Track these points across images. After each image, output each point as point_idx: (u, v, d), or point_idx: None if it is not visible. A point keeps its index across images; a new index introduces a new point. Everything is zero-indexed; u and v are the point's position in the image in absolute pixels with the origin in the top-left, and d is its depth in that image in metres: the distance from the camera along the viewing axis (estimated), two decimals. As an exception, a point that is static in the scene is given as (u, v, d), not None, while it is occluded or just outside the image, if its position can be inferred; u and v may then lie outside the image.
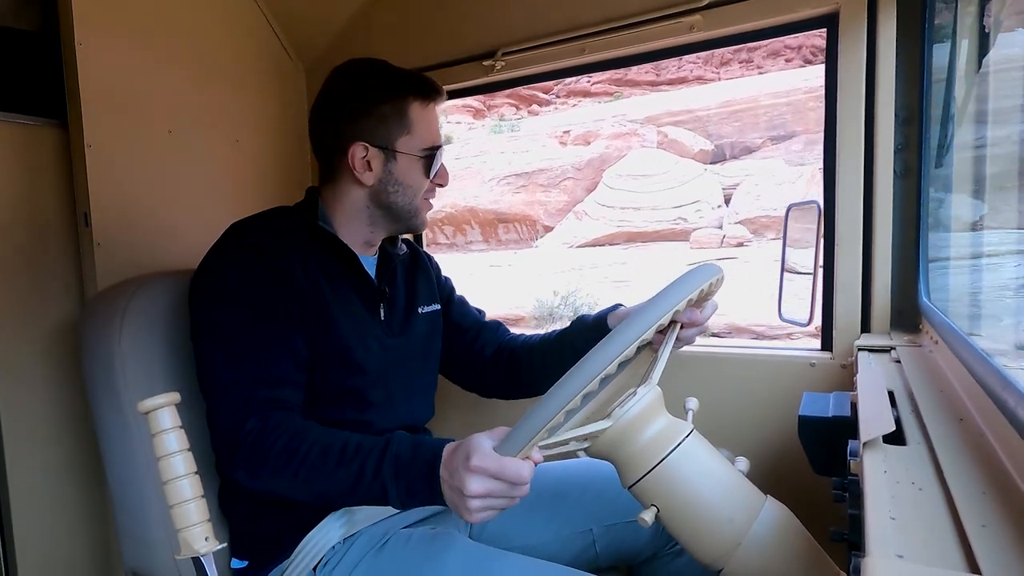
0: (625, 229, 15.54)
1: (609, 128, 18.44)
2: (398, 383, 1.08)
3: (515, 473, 0.69)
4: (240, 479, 0.87)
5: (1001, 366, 0.63)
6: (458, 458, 0.72)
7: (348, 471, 0.79)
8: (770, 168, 16.22)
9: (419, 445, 0.79)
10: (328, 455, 0.81)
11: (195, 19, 1.57)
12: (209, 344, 0.93)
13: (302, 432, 0.84)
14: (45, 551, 1.38)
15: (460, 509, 0.72)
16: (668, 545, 1.05)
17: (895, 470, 0.57)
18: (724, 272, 0.83)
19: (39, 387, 1.36)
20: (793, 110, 17.68)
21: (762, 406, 1.32)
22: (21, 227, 1.33)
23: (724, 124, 18.34)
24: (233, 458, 0.86)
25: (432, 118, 1.06)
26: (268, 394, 0.88)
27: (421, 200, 1.07)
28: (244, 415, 0.86)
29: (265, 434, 0.84)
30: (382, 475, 0.78)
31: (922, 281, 1.18)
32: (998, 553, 0.42)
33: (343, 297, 1.02)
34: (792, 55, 19.37)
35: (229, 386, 0.89)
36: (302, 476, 0.81)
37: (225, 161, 1.66)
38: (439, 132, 1.07)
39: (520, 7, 1.52)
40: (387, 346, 1.07)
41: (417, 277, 1.20)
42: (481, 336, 1.25)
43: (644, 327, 0.67)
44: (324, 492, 0.82)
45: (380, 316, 1.08)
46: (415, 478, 0.77)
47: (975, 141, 1.24)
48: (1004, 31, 1.13)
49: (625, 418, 0.71)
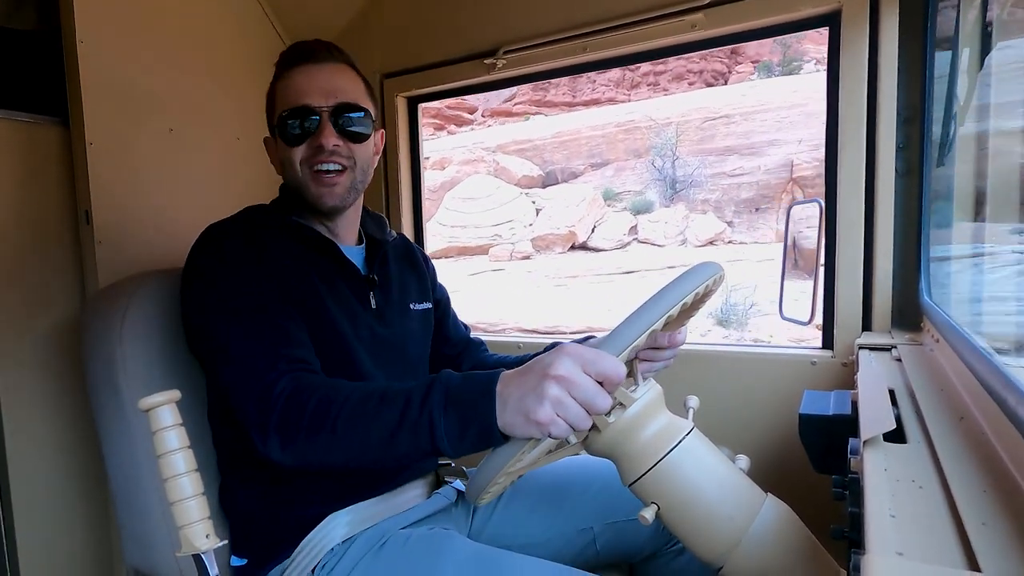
0: (455, 244, 18.40)
1: (460, 155, 21.09)
2: (394, 375, 1.05)
3: (612, 368, 0.63)
4: (272, 450, 0.79)
5: (1002, 364, 0.63)
6: (544, 356, 0.66)
7: (391, 410, 0.72)
8: (578, 191, 19.09)
9: (470, 375, 0.72)
10: (369, 399, 0.74)
11: (197, 18, 1.57)
12: (220, 327, 0.88)
13: (336, 386, 0.78)
14: (47, 548, 1.38)
15: (530, 403, 0.63)
16: (669, 543, 1.05)
17: (895, 468, 0.57)
18: (724, 272, 0.83)
19: (40, 384, 1.36)
20: (607, 141, 20.46)
21: (763, 404, 1.32)
22: (22, 225, 1.33)
23: (555, 152, 21.17)
24: (266, 424, 0.78)
25: (291, 83, 0.98)
26: (295, 354, 0.85)
27: (304, 171, 0.98)
28: (275, 376, 0.81)
29: (299, 391, 0.78)
30: (429, 404, 0.70)
31: (923, 279, 1.18)
32: (998, 551, 0.42)
33: (332, 286, 1.00)
34: (695, 79, 20.99)
35: (251, 356, 0.83)
36: (340, 427, 0.74)
37: (226, 159, 1.66)
38: (301, 92, 0.97)
39: (521, 5, 1.52)
40: (379, 335, 1.03)
41: (409, 273, 1.17)
42: (465, 352, 1.24)
43: (674, 301, 0.69)
44: (363, 442, 0.74)
45: (371, 304, 1.05)
46: (467, 401, 0.68)
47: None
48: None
49: (625, 417, 0.71)
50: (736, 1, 1.28)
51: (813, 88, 17.01)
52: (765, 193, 16.84)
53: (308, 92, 0.97)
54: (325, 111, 0.97)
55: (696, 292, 0.74)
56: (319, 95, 0.97)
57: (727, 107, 18.69)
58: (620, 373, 0.63)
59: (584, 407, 0.63)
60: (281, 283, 0.93)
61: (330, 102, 0.97)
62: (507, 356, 1.23)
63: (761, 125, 17.23)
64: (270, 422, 0.78)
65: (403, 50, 1.70)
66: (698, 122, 18.86)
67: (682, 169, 18.44)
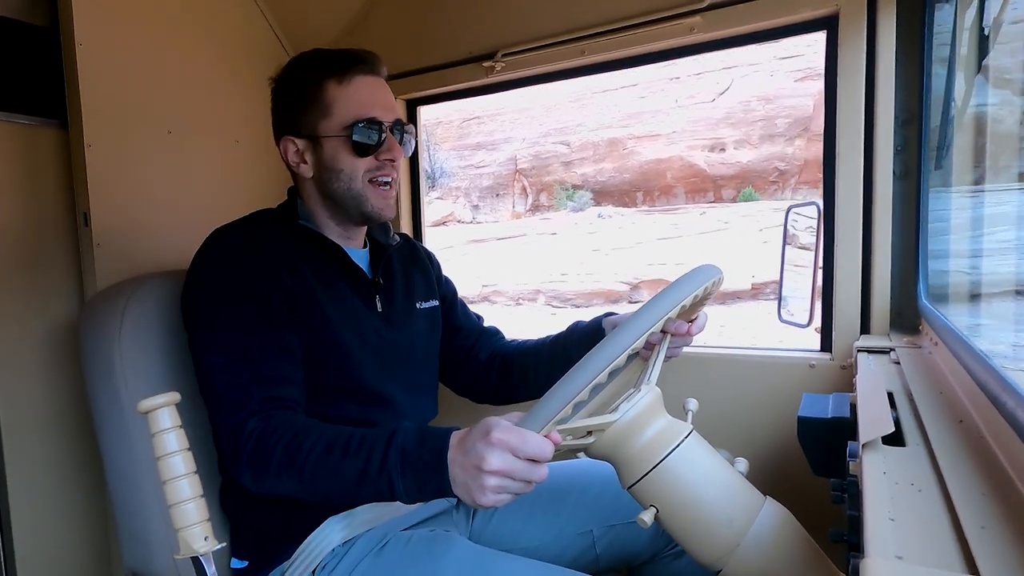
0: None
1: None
2: (400, 379, 1.06)
3: (538, 448, 0.66)
4: (246, 482, 0.85)
5: (1000, 368, 0.63)
6: (475, 435, 0.69)
7: (353, 465, 0.77)
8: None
9: (426, 434, 0.76)
10: (332, 450, 0.78)
11: (195, 20, 1.57)
12: (205, 349, 0.92)
13: (304, 430, 0.82)
14: (45, 551, 1.37)
15: (474, 491, 0.68)
16: (668, 547, 1.05)
17: (894, 471, 0.57)
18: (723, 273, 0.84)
19: (39, 387, 1.36)
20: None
21: (761, 407, 1.32)
22: (21, 227, 1.33)
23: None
24: (237, 461, 0.84)
25: (354, 93, 0.99)
26: (267, 393, 0.87)
27: (364, 183, 1.00)
28: (245, 415, 0.85)
29: (267, 434, 0.82)
30: (388, 468, 0.75)
31: (922, 282, 1.18)
32: (997, 554, 0.42)
33: (336, 292, 1.00)
34: None
35: (227, 389, 0.87)
36: (307, 474, 0.79)
37: (225, 161, 1.66)
38: (368, 104, 0.99)
39: (520, 8, 1.53)
40: (386, 340, 1.05)
41: (414, 271, 1.18)
42: (480, 341, 1.23)
43: (664, 310, 0.68)
44: (329, 490, 0.79)
45: (377, 308, 1.06)
46: (423, 468, 0.73)
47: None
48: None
49: (625, 418, 0.71)
50: (734, 5, 1.28)
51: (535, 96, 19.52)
52: (501, 182, 18.99)
53: (374, 104, 0.99)
54: (388, 125, 1.00)
55: (695, 295, 0.74)
56: (383, 109, 1.00)
57: (479, 110, 20.75)
58: (547, 452, 0.67)
59: (525, 483, 0.68)
60: (278, 297, 0.93)
61: (391, 117, 1.01)
62: (527, 341, 1.21)
63: (500, 125, 19.24)
64: (241, 459, 0.83)
65: (402, 53, 1.71)
66: (458, 122, 20.87)
67: (440, 163, 20.51)
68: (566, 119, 18.42)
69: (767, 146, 16.26)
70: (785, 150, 16.07)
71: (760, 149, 16.33)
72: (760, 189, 16.14)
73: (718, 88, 17.14)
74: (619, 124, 17.77)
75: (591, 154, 17.91)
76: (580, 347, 0.93)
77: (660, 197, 17.15)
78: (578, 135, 18.20)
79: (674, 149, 16.96)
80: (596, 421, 0.71)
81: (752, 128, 16.47)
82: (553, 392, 0.67)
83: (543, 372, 1.12)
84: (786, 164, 16.01)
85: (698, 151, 16.77)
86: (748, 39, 1.34)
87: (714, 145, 16.75)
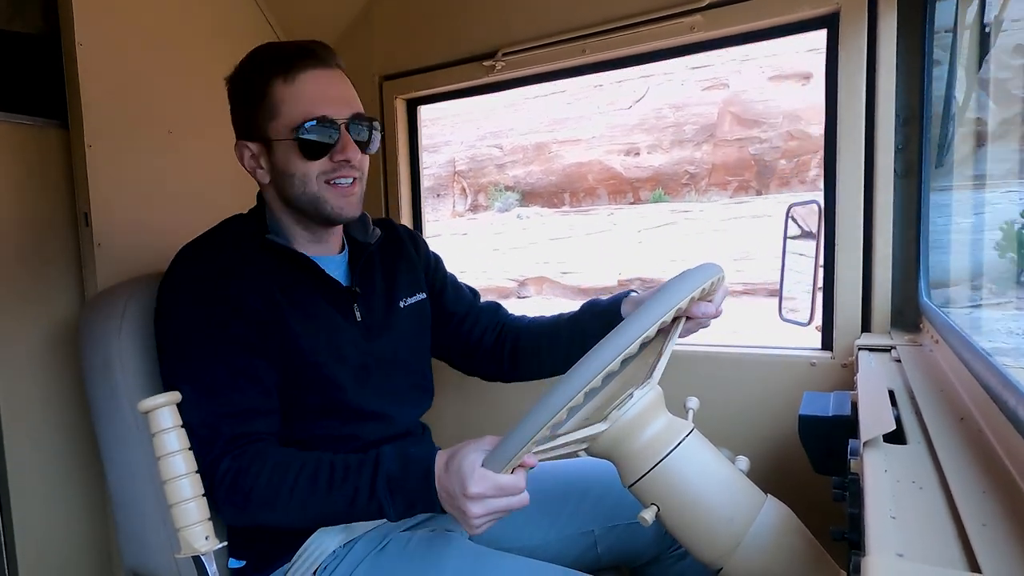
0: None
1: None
2: (383, 389, 1.02)
3: (512, 487, 0.72)
4: (225, 518, 0.86)
5: (1002, 365, 0.63)
6: (454, 484, 0.73)
7: (342, 494, 0.80)
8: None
9: (408, 460, 0.79)
10: (317, 482, 0.80)
11: (195, 20, 1.57)
12: (174, 377, 0.90)
13: (283, 465, 0.82)
14: (45, 550, 1.38)
15: (463, 524, 0.75)
16: (671, 547, 1.04)
17: (895, 469, 0.57)
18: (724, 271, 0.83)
19: (39, 387, 1.36)
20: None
21: (763, 405, 1.32)
22: (22, 227, 1.33)
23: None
24: (214, 497, 0.81)
25: (301, 91, 0.91)
26: (238, 430, 0.86)
27: (320, 185, 0.93)
28: (218, 454, 0.84)
29: (242, 474, 0.82)
30: (378, 495, 0.78)
31: (922, 280, 1.18)
32: (998, 552, 0.42)
33: (308, 308, 0.95)
34: None
35: (197, 425, 0.82)
36: (293, 507, 0.81)
37: (225, 161, 1.64)
38: (317, 102, 0.91)
39: (521, 7, 1.52)
40: (366, 350, 1.01)
41: (398, 266, 1.12)
42: (479, 322, 1.18)
43: (636, 335, 0.66)
44: (318, 516, 0.83)
45: (356, 318, 1.01)
46: (412, 492, 0.78)
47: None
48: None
49: (624, 418, 0.71)
50: (735, 3, 1.28)
51: (474, 101, 20.45)
52: (442, 183, 19.73)
53: (324, 101, 0.91)
54: (343, 123, 0.92)
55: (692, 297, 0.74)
56: (336, 104, 0.92)
57: (423, 113, 22.50)
58: (520, 486, 0.72)
59: (508, 509, 0.73)
60: (243, 320, 0.90)
61: (346, 113, 0.93)
62: (538, 319, 1.18)
63: (442, 129, 19.82)
64: (217, 495, 0.83)
65: (402, 52, 1.70)
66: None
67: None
68: (501, 124, 19.25)
69: (677, 151, 17.37)
70: (694, 155, 17.19)
71: (671, 153, 17.44)
72: (672, 191, 17.26)
73: (635, 96, 18.13)
74: (546, 129, 18.67)
75: (521, 157, 18.91)
76: (600, 329, 0.92)
77: (585, 198, 18.15)
78: (510, 139, 19.10)
79: (593, 153, 18.04)
80: (586, 433, 0.72)
81: (663, 134, 17.58)
82: (515, 432, 0.67)
83: (559, 355, 1.08)
84: (695, 168, 17.17)
85: (615, 155, 17.89)
86: (748, 38, 1.34)
87: (629, 150, 17.86)
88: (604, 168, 17.78)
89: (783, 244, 1.32)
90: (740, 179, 16.84)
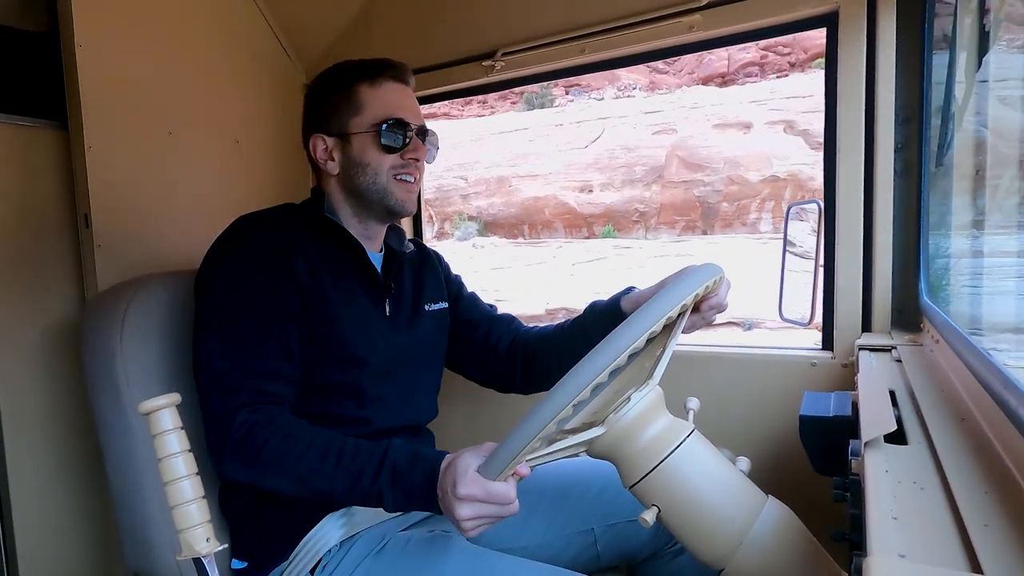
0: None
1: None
2: (401, 381, 1.08)
3: (502, 495, 0.72)
4: (228, 470, 0.87)
5: (1002, 365, 0.63)
6: (447, 482, 0.75)
7: (346, 474, 0.81)
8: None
9: (417, 456, 0.81)
10: (326, 457, 0.82)
11: (195, 21, 1.57)
12: (207, 331, 0.94)
13: (295, 432, 0.84)
14: (46, 552, 1.38)
15: (454, 524, 0.76)
16: (669, 544, 1.05)
17: (896, 469, 0.57)
18: (724, 271, 0.83)
19: (40, 388, 1.36)
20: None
21: (763, 406, 1.32)
22: (22, 228, 1.33)
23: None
24: (223, 448, 0.85)
25: (384, 95, 1.04)
26: (260, 386, 0.89)
27: (389, 178, 1.04)
28: (237, 405, 0.86)
29: (258, 429, 0.84)
30: (379, 482, 0.80)
31: (923, 280, 1.18)
32: (1000, 553, 0.42)
33: (347, 291, 1.02)
34: (516, 98, 22.96)
35: (222, 375, 0.89)
36: (297, 476, 0.83)
37: (225, 162, 1.65)
38: (397, 106, 1.04)
39: (520, 7, 1.52)
40: (392, 342, 1.07)
41: (424, 275, 1.20)
42: (494, 330, 1.23)
43: (637, 335, 0.65)
44: (318, 490, 0.83)
45: (386, 311, 1.08)
46: (413, 487, 0.79)
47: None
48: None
49: (625, 419, 0.71)
50: (734, 2, 1.28)
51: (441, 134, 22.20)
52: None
53: (403, 108, 1.05)
54: (415, 129, 1.05)
55: (694, 296, 0.74)
56: (411, 113, 1.06)
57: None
58: (510, 495, 0.73)
59: (498, 517, 0.75)
60: (287, 286, 0.95)
61: (417, 122, 1.07)
62: (546, 328, 1.21)
63: None
64: (227, 446, 0.85)
65: (402, 53, 1.69)
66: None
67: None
68: (466, 156, 19.89)
69: (628, 189, 18.37)
70: (643, 194, 18.17)
71: (622, 192, 18.44)
72: (622, 228, 18.53)
73: (591, 136, 19.03)
74: (508, 163, 19.44)
75: (484, 189, 19.74)
76: (600, 328, 0.93)
77: (543, 231, 19.12)
78: (475, 171, 19.82)
79: (550, 188, 19.03)
80: (583, 438, 0.72)
81: (615, 173, 18.54)
82: (508, 440, 0.68)
83: (566, 359, 1.10)
84: (645, 206, 18.34)
85: (570, 191, 18.91)
86: (748, 37, 1.34)
87: (583, 187, 18.85)
88: (560, 203, 18.76)
89: (783, 244, 1.32)
90: (687, 219, 17.82)
